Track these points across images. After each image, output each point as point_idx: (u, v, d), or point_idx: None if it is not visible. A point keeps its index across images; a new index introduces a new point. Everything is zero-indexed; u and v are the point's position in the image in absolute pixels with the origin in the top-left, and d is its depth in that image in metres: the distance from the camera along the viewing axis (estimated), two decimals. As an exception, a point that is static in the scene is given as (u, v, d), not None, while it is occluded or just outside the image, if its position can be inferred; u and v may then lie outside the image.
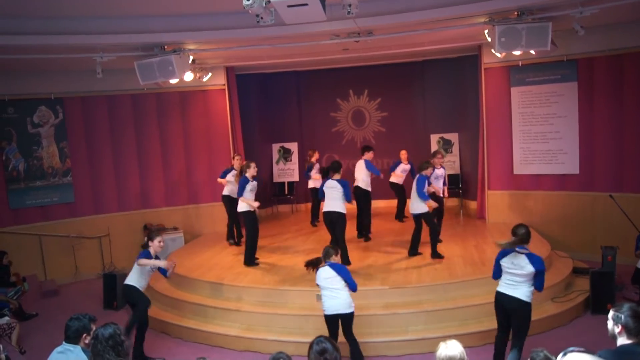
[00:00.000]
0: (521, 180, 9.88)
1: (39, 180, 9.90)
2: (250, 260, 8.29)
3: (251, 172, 8.23)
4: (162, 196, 10.89)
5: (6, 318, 7.22)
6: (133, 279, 6.37)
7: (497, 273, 5.29)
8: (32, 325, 7.93)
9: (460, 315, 6.59)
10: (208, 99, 10.89)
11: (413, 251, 8.14)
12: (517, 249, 5.09)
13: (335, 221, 7.76)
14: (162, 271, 6.41)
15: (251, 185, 8.24)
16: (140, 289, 6.37)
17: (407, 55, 10.80)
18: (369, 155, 9.67)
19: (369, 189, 9.56)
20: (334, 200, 7.75)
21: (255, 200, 8.32)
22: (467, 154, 11.97)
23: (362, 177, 9.55)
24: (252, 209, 8.24)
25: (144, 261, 6.27)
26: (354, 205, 8.28)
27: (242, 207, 8.34)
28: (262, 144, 12.88)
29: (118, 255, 10.29)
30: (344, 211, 7.75)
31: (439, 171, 8.91)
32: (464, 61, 11.21)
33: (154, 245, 6.41)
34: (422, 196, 7.74)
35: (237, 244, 9.65)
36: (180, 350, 6.79)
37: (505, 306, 5.18)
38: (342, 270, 5.55)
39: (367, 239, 9.38)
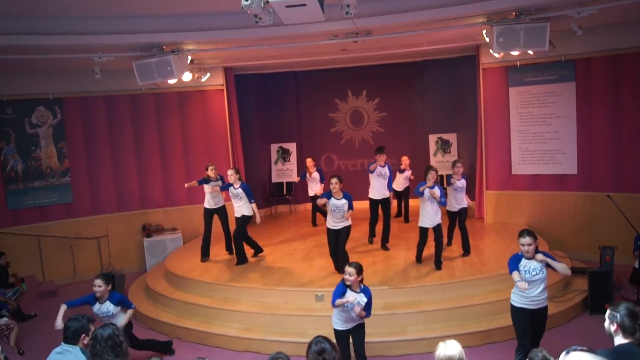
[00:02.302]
0: (519, 180, 9.89)
1: (37, 180, 9.89)
2: (244, 258, 8.44)
3: None
4: (161, 196, 10.88)
5: (4, 319, 7.21)
6: None
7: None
8: (30, 326, 7.92)
9: (459, 315, 6.60)
10: (206, 99, 10.90)
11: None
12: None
13: (341, 234, 7.58)
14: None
15: None
16: None
17: (405, 55, 10.81)
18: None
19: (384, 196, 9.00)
20: (340, 215, 7.52)
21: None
22: (465, 154, 11.98)
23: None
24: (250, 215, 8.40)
25: None
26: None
27: (247, 210, 8.39)
28: (260, 144, 12.89)
29: (116, 256, 10.30)
30: (349, 222, 7.58)
31: (460, 183, 8.18)
32: (462, 61, 11.22)
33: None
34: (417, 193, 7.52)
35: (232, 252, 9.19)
36: (179, 350, 6.79)
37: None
38: None
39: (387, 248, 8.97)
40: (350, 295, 5.13)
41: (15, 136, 9.72)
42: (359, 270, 5.19)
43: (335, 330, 5.37)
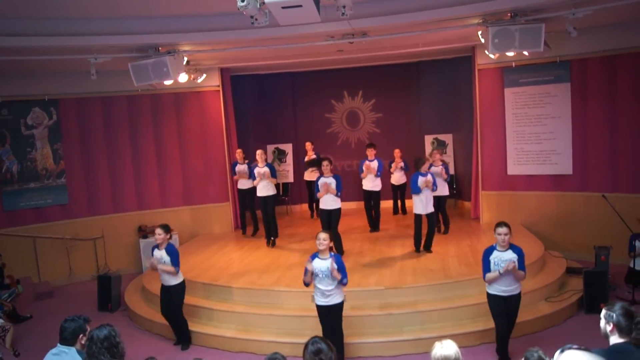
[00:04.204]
0: (515, 180, 9.92)
1: (32, 182, 9.86)
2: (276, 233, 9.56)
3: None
4: (157, 197, 10.86)
5: (0, 320, 7.18)
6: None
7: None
8: (26, 328, 7.90)
9: (455, 315, 6.62)
10: (202, 100, 10.88)
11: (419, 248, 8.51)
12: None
13: (333, 217, 8.32)
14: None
15: None
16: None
17: (401, 56, 10.81)
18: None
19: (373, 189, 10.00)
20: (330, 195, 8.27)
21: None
22: (461, 154, 12.01)
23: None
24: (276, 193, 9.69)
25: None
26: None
27: (273, 189, 9.38)
28: (256, 145, 12.78)
29: (112, 257, 10.27)
30: (339, 205, 8.36)
31: (437, 168, 9.15)
32: (458, 62, 11.25)
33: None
34: (414, 190, 8.19)
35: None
36: (176, 352, 6.79)
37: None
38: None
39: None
40: (316, 263, 5.64)
41: (10, 137, 9.69)
42: (331, 236, 5.79)
43: (316, 306, 5.80)
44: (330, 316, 5.78)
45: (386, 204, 11.62)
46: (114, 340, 3.56)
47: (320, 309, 5.79)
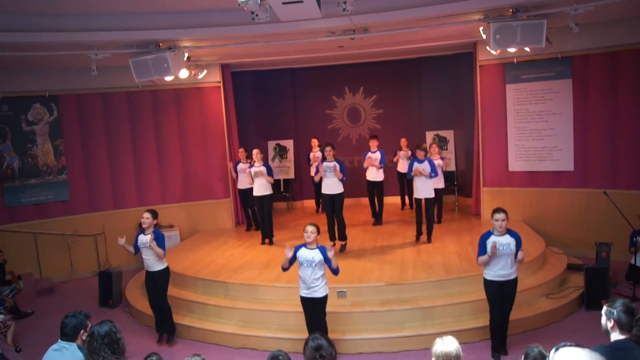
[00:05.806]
0: (516, 177, 9.91)
1: (33, 178, 9.87)
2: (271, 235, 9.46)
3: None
4: (158, 193, 10.86)
5: (1, 316, 7.19)
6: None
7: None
8: (27, 324, 7.92)
9: (456, 312, 6.62)
10: (203, 96, 10.88)
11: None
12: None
13: (337, 202, 8.40)
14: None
15: None
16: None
17: (402, 52, 10.81)
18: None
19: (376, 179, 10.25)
20: (332, 175, 8.36)
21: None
22: (462, 151, 12.00)
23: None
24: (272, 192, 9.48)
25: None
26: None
27: (269, 189, 9.28)
28: (257, 141, 12.82)
29: (113, 253, 10.26)
30: (342, 190, 8.40)
31: (437, 162, 9.47)
32: (459, 58, 11.22)
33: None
34: (408, 175, 8.75)
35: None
36: (176, 347, 6.80)
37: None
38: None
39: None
40: (302, 252, 5.78)
41: (11, 133, 9.69)
42: (318, 229, 5.88)
43: (300, 297, 5.87)
44: (314, 309, 5.83)
45: (394, 200, 11.70)
46: (114, 336, 3.56)
47: (304, 300, 5.85)
